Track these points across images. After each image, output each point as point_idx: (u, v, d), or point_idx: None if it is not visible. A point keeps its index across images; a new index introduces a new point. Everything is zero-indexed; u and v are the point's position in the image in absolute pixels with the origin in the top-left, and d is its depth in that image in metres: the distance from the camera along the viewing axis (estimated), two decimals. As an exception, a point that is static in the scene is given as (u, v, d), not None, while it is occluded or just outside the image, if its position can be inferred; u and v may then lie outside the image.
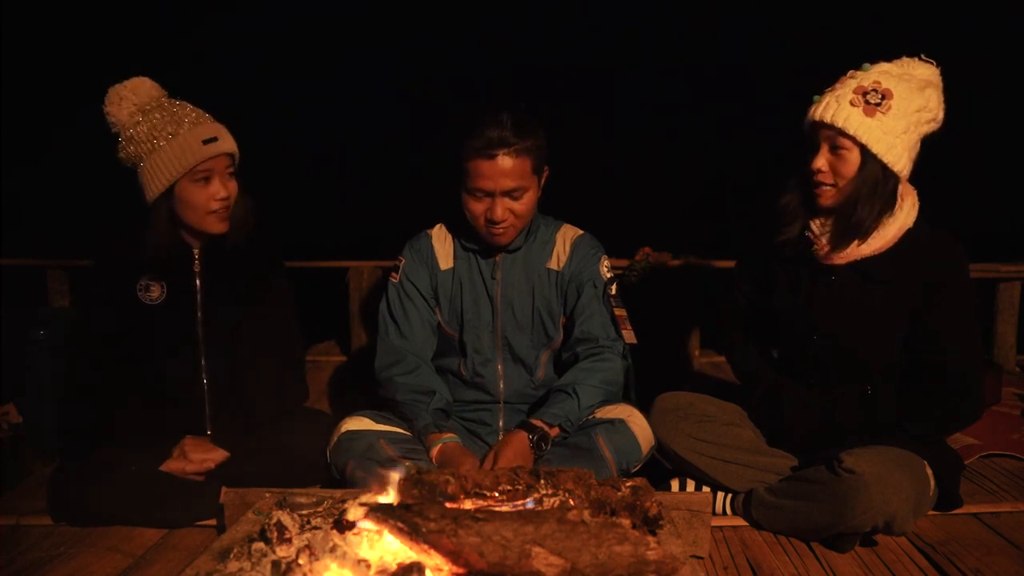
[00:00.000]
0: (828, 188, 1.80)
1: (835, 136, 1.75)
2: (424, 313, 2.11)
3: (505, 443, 1.88)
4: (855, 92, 1.73)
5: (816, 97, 1.81)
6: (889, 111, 1.72)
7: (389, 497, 1.37)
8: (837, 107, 1.74)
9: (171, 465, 1.89)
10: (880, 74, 1.76)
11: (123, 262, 1.99)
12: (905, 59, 1.81)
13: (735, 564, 1.68)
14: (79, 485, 1.84)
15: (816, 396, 1.91)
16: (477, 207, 1.95)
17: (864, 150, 1.74)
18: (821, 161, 1.78)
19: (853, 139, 1.73)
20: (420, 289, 2.11)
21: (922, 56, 1.81)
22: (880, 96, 1.72)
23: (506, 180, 1.90)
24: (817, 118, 1.77)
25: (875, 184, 1.76)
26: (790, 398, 1.93)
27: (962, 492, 1.91)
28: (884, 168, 1.75)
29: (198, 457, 1.91)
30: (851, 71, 1.81)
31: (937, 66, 1.81)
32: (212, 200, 1.89)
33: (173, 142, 1.83)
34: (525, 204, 1.97)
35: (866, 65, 1.80)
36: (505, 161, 1.89)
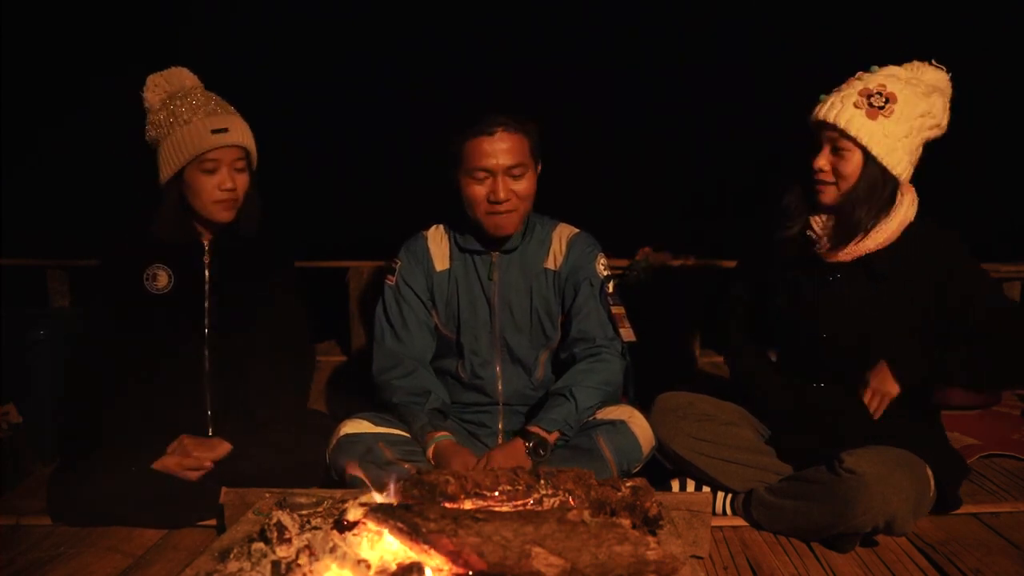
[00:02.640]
0: (829, 187, 1.82)
1: (837, 137, 1.77)
2: (421, 315, 2.11)
3: (499, 447, 1.90)
4: (860, 94, 1.75)
5: (823, 96, 1.82)
6: (892, 115, 1.73)
7: (389, 499, 1.37)
8: (840, 108, 1.75)
9: (167, 461, 1.89)
10: (887, 77, 1.77)
11: (129, 254, 2.00)
12: (916, 63, 1.82)
13: (735, 564, 1.68)
14: (79, 485, 1.84)
15: (828, 395, 1.90)
16: (479, 190, 1.95)
17: (866, 152, 1.75)
18: (822, 161, 1.81)
19: (854, 140, 1.74)
20: (416, 291, 2.11)
21: (933, 61, 1.82)
22: (884, 99, 1.73)
23: (506, 157, 1.92)
24: (820, 117, 1.79)
25: (873, 186, 1.77)
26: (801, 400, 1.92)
27: (962, 492, 1.92)
28: (884, 171, 1.76)
29: (197, 453, 1.91)
30: (859, 72, 1.82)
31: (947, 72, 1.82)
32: (217, 190, 1.91)
33: (185, 129, 1.87)
34: (525, 187, 1.97)
35: (874, 68, 1.81)
36: (504, 137, 1.92)
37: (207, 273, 2.02)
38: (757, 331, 2.09)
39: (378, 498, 1.37)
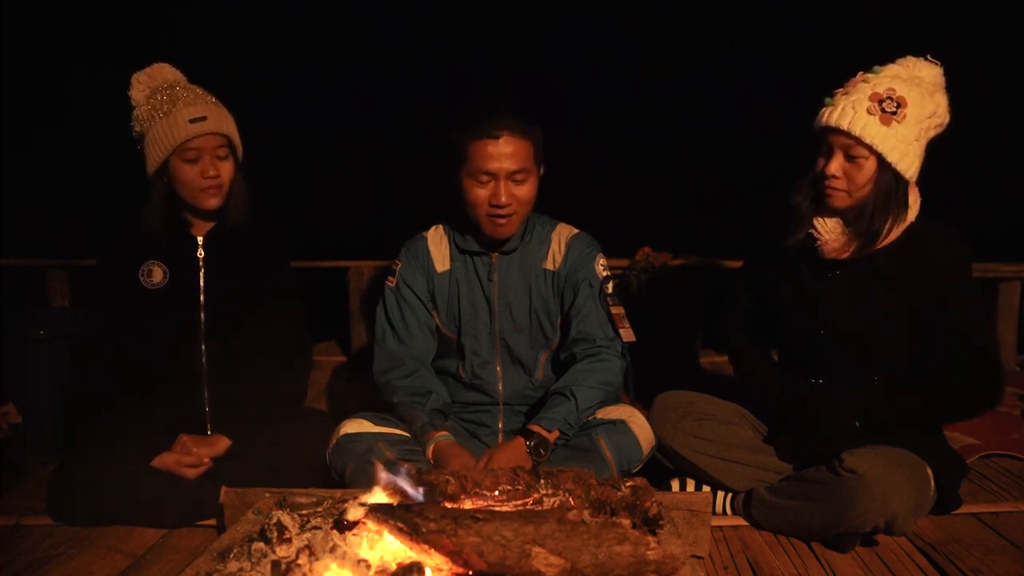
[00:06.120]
0: (841, 192, 1.79)
1: (852, 144, 1.74)
2: (422, 316, 2.11)
3: (500, 447, 1.89)
4: (871, 100, 1.72)
5: (828, 100, 1.79)
6: (904, 119, 1.71)
7: (389, 498, 1.37)
8: (854, 115, 1.72)
9: (166, 459, 1.89)
10: (893, 79, 1.75)
11: (125, 250, 2.01)
12: (910, 59, 1.80)
13: (735, 564, 1.68)
14: (79, 485, 1.84)
15: (844, 397, 1.87)
16: (480, 193, 1.95)
17: (880, 159, 1.73)
18: (835, 167, 1.77)
19: (870, 148, 1.72)
20: (417, 292, 2.10)
21: (928, 56, 1.81)
22: (896, 104, 1.71)
23: (510, 161, 1.92)
24: (833, 124, 1.75)
25: (888, 193, 1.76)
26: (825, 405, 1.88)
27: (962, 492, 1.91)
28: (897, 175, 1.75)
29: (197, 449, 1.91)
30: (861, 73, 1.79)
31: (940, 66, 1.81)
32: (200, 178, 1.93)
33: (164, 120, 1.89)
34: (527, 191, 1.97)
35: (876, 68, 1.79)
36: (509, 141, 1.91)
37: (202, 268, 2.02)
38: (760, 330, 2.09)
39: (378, 497, 1.37)
